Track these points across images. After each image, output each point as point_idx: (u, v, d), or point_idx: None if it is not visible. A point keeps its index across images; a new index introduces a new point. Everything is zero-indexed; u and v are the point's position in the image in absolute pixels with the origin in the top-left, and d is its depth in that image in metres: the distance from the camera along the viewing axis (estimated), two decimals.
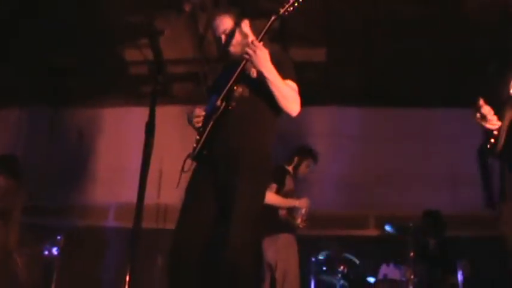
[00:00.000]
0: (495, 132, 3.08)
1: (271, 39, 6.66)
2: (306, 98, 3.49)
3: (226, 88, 3.30)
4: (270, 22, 3.28)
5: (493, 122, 3.06)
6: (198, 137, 3.40)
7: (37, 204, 7.10)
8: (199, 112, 3.44)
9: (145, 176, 2.69)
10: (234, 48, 3.46)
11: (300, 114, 3.43)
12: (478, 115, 3.09)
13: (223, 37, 3.47)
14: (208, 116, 3.39)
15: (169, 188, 7.68)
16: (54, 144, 8.56)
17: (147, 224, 6.73)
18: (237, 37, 3.48)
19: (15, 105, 8.49)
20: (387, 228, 6.21)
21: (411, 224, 5.88)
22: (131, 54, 7.38)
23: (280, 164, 5.99)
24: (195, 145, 3.40)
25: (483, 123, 3.10)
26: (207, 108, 3.50)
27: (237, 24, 3.49)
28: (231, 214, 3.16)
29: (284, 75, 3.33)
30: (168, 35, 6.93)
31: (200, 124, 3.42)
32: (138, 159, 2.87)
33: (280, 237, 5.67)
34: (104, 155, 8.10)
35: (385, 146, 7.64)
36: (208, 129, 3.34)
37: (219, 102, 3.32)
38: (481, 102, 3.05)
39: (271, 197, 5.33)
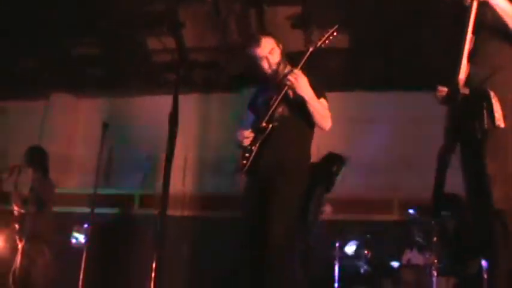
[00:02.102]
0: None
1: (294, 26, 6.68)
2: (329, 84, 3.69)
3: (270, 112, 3.76)
4: (307, 54, 3.67)
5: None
6: (247, 154, 3.83)
7: (63, 193, 7.20)
8: (248, 134, 3.87)
9: (170, 167, 2.80)
10: (276, 67, 3.85)
11: None
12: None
13: (269, 56, 3.84)
14: (255, 136, 3.84)
15: (193, 176, 7.75)
16: (78, 134, 8.66)
17: (172, 211, 6.78)
18: (279, 57, 3.87)
19: (40, 96, 8.58)
20: (411, 212, 6.19)
21: None
22: (154, 43, 7.42)
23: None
24: (244, 161, 3.83)
25: None
26: (249, 122, 4.01)
27: (278, 45, 3.90)
28: (270, 215, 3.57)
29: (318, 94, 3.75)
30: (189, 24, 6.98)
31: (248, 143, 3.85)
32: (164, 147, 2.93)
33: None
34: (128, 143, 8.17)
35: (409, 129, 7.57)
36: (256, 148, 3.80)
37: (264, 125, 3.77)
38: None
39: None
